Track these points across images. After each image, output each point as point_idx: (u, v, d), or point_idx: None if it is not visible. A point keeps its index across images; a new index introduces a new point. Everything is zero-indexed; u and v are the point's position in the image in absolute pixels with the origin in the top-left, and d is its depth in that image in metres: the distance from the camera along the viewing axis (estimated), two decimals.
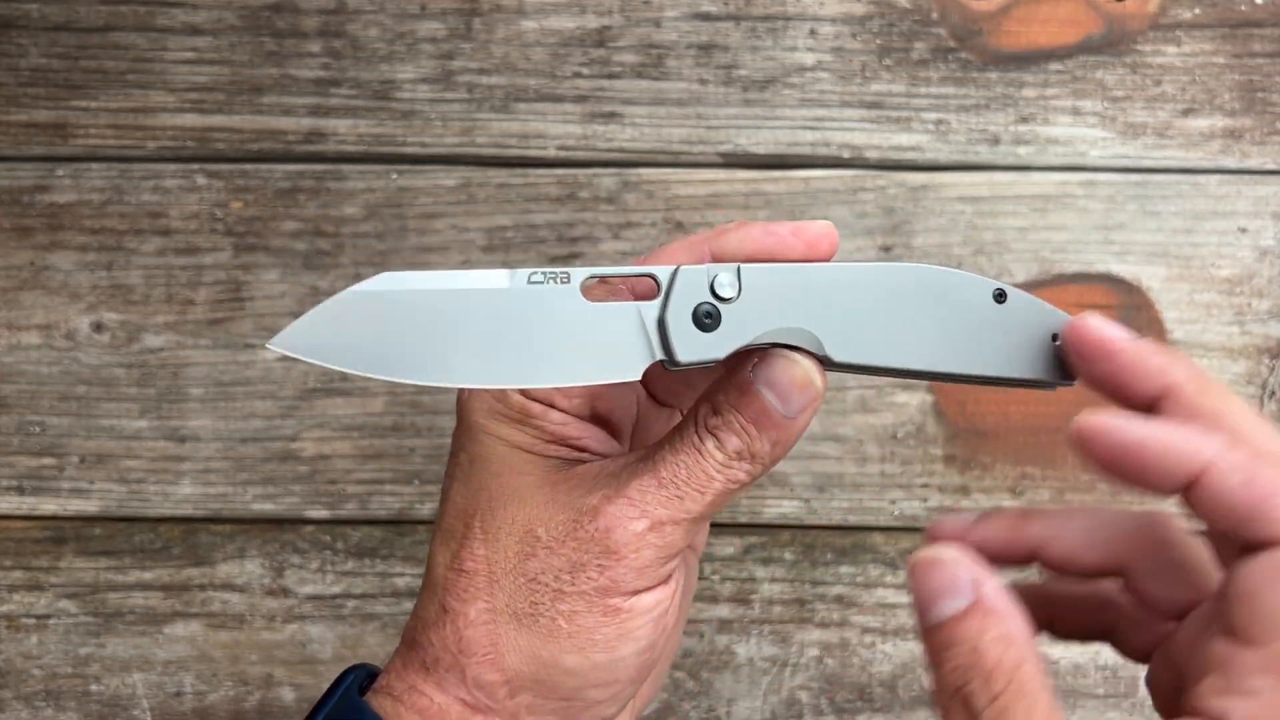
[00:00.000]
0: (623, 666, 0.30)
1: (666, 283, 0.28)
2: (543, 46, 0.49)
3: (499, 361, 0.27)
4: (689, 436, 0.29)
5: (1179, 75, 0.49)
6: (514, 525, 0.30)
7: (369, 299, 0.27)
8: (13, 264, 0.49)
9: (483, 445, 0.31)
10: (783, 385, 0.29)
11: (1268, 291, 0.49)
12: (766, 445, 0.29)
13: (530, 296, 0.28)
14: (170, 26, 0.49)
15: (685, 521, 0.29)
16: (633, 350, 0.28)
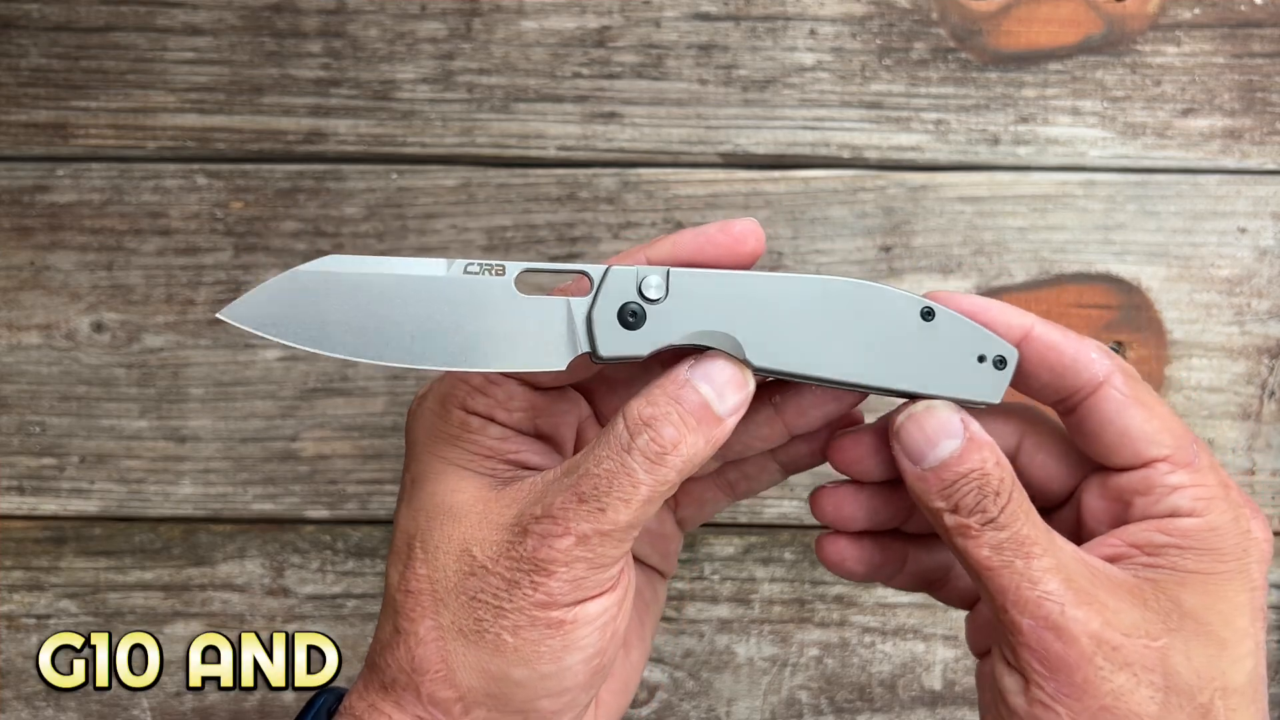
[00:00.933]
0: (571, 675, 0.30)
1: (597, 281, 0.30)
2: (543, 47, 0.49)
3: (432, 344, 0.29)
4: (615, 439, 0.29)
5: (1179, 75, 0.49)
6: (451, 544, 0.30)
7: (313, 278, 0.29)
8: (13, 264, 0.49)
9: (422, 465, 0.32)
10: (719, 382, 0.30)
11: (1267, 291, 0.49)
12: (701, 441, 0.29)
13: (465, 285, 0.29)
14: (170, 27, 0.49)
15: (613, 532, 0.29)
16: (559, 342, 0.30)
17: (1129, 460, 0.31)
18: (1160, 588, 0.29)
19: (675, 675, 0.50)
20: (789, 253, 0.49)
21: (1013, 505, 0.30)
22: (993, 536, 0.29)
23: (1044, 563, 0.29)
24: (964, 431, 0.30)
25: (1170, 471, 0.30)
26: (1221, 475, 0.30)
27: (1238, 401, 0.49)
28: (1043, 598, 0.29)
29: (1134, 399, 0.30)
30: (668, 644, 0.50)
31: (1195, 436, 0.31)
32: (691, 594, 0.50)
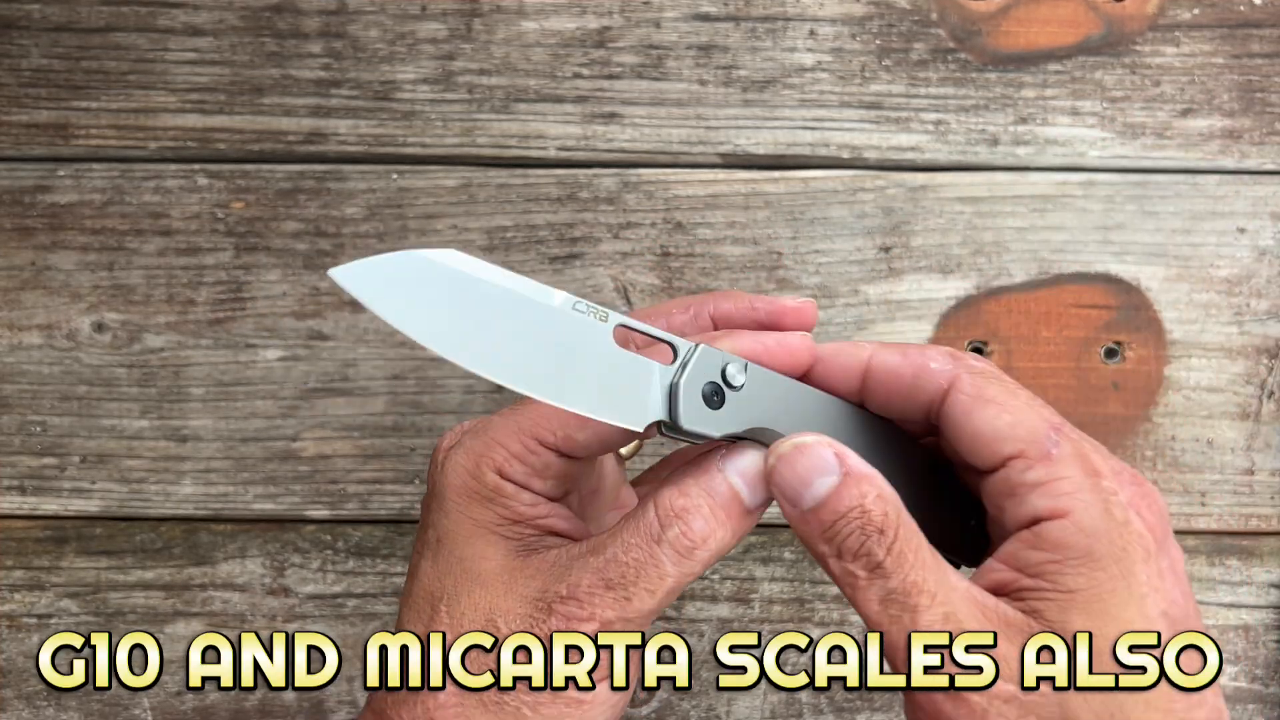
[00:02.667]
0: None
1: (684, 355, 0.30)
2: (543, 47, 0.49)
3: (530, 369, 0.28)
4: (645, 527, 0.29)
5: (1178, 76, 0.49)
6: (476, 613, 0.30)
7: (432, 266, 0.28)
8: (14, 264, 0.49)
9: (451, 521, 0.31)
10: (751, 475, 0.30)
11: (1266, 291, 0.49)
12: (728, 535, 0.30)
13: (571, 321, 0.29)
14: (171, 27, 0.49)
15: (635, 619, 0.29)
16: (642, 404, 0.29)
17: (987, 461, 0.29)
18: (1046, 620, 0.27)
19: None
20: (789, 253, 0.49)
21: (899, 545, 0.28)
22: (880, 587, 0.28)
23: (931, 615, 0.27)
24: (839, 467, 0.29)
25: (1026, 468, 0.28)
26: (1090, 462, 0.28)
27: (1237, 401, 0.49)
28: None
29: (979, 398, 0.29)
30: None
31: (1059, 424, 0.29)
32: (691, 594, 0.50)
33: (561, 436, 0.31)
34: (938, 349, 0.31)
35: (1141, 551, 0.27)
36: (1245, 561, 0.50)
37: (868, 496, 0.28)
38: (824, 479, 0.29)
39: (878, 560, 0.28)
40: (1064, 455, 0.28)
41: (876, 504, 0.28)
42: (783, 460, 0.29)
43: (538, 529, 0.31)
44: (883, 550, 0.28)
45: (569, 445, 0.31)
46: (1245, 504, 0.50)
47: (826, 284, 0.49)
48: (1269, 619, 0.50)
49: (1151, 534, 0.27)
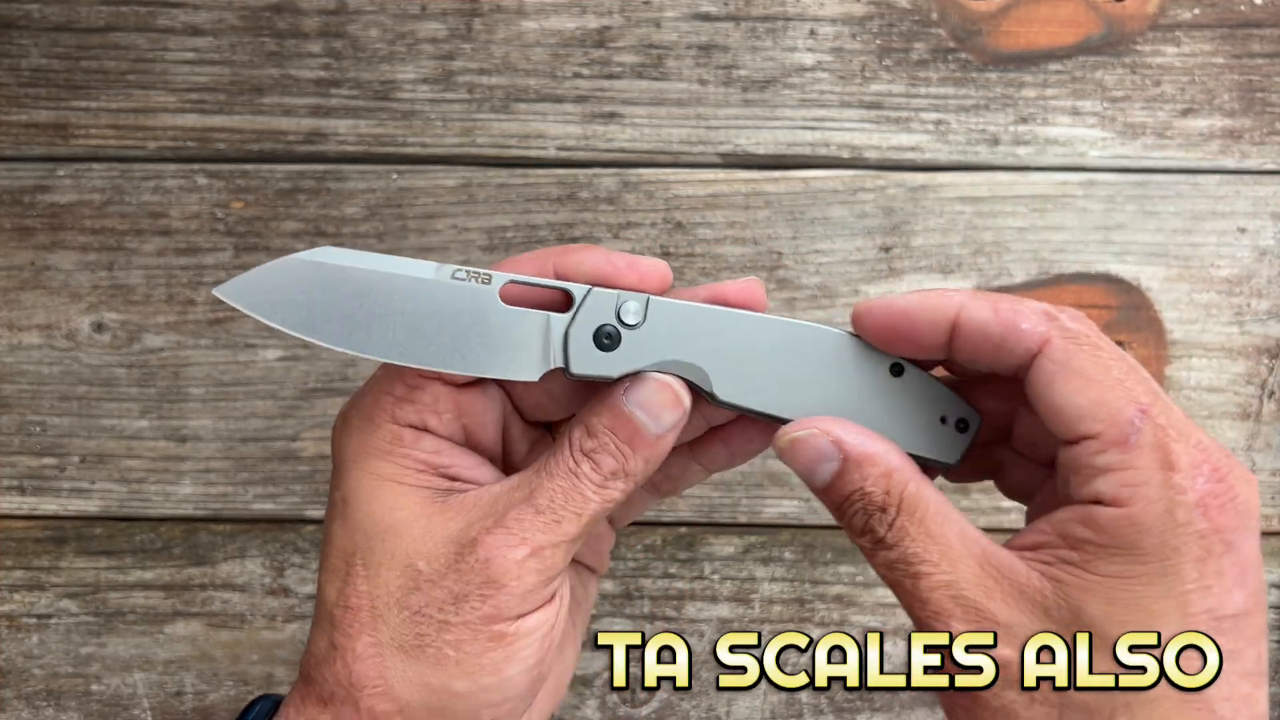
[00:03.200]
0: (512, 685, 0.30)
1: (579, 300, 0.31)
2: (543, 47, 0.49)
3: (413, 343, 0.30)
4: (564, 460, 0.30)
5: (1178, 76, 0.49)
6: (394, 560, 0.30)
7: (308, 266, 0.30)
8: (14, 264, 0.49)
9: (354, 481, 0.31)
10: (654, 406, 0.30)
11: (1267, 291, 0.49)
12: (640, 463, 0.30)
13: (451, 290, 0.30)
14: (171, 27, 0.49)
15: (564, 543, 0.30)
16: (536, 355, 0.31)
17: (1064, 434, 0.28)
18: (1064, 592, 0.27)
19: None
20: (789, 253, 0.49)
21: (901, 520, 0.29)
22: (884, 556, 0.29)
23: (932, 581, 0.28)
24: (837, 453, 0.30)
25: (1099, 451, 0.27)
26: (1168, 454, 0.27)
27: (1237, 401, 0.49)
28: (930, 619, 0.28)
29: (1067, 368, 0.28)
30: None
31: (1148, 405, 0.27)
32: (691, 594, 0.50)
33: None
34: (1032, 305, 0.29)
35: (1198, 550, 0.26)
36: None
37: (868, 479, 0.29)
38: (825, 465, 0.30)
39: (879, 536, 0.29)
40: (1141, 443, 0.27)
41: (877, 484, 0.29)
42: (783, 455, 0.31)
43: (446, 477, 0.32)
44: (883, 527, 0.29)
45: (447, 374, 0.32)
46: None
47: (827, 284, 0.49)
48: (1269, 619, 0.50)
49: (1219, 534, 0.26)
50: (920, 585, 0.29)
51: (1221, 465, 0.27)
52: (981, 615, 0.28)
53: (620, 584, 0.50)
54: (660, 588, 0.50)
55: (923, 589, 0.28)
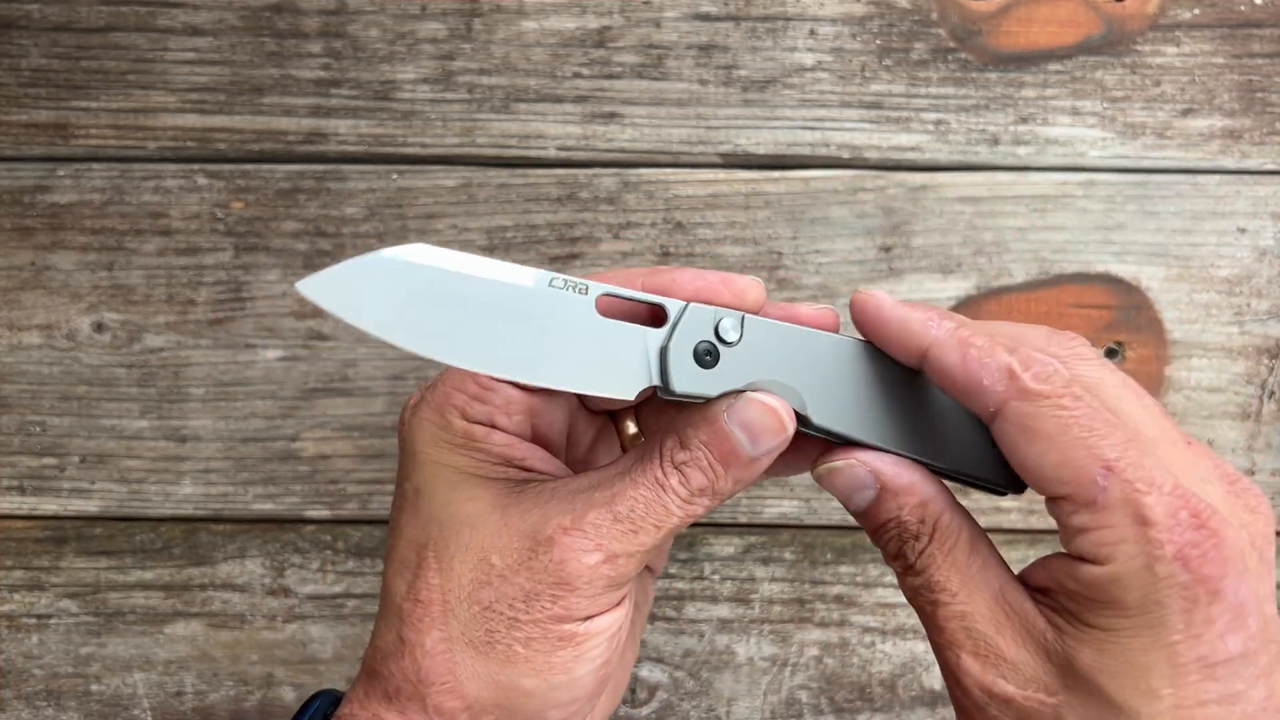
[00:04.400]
0: (580, 685, 0.30)
1: (675, 316, 0.30)
2: (543, 47, 0.49)
3: (507, 353, 0.28)
4: (651, 470, 0.30)
5: (1178, 75, 0.49)
6: (467, 553, 0.30)
7: (397, 265, 0.28)
8: (14, 264, 0.49)
9: (428, 473, 0.31)
10: (755, 428, 0.30)
11: (1267, 291, 0.49)
12: (730, 483, 0.30)
13: (549, 299, 0.29)
14: (171, 27, 0.49)
15: (640, 553, 0.29)
16: (632, 370, 0.29)
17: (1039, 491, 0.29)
18: (1062, 639, 0.28)
19: (675, 675, 0.50)
20: (789, 253, 0.49)
21: (931, 548, 0.30)
22: (911, 581, 0.30)
23: (948, 611, 0.29)
24: (875, 482, 0.30)
25: (1072, 511, 0.28)
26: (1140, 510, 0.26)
27: (1237, 402, 0.49)
28: (944, 645, 0.29)
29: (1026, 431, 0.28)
30: (668, 644, 0.50)
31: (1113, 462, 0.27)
32: (691, 594, 0.50)
33: None
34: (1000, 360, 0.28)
35: (1182, 602, 0.26)
36: None
37: (904, 509, 0.30)
38: (862, 493, 0.31)
39: (909, 562, 0.30)
40: (1110, 502, 0.27)
41: (913, 513, 0.30)
42: (823, 480, 0.31)
43: (519, 469, 0.31)
44: (914, 554, 0.30)
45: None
46: None
47: (827, 284, 0.49)
48: None
49: (1203, 584, 0.26)
50: (938, 613, 0.29)
51: (1202, 510, 0.26)
52: (990, 649, 0.29)
53: None
54: (660, 588, 0.50)
55: (940, 616, 0.29)
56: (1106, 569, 0.27)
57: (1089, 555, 0.27)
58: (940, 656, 0.30)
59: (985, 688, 0.29)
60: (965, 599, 0.29)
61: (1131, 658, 0.27)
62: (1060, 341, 0.30)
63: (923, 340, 0.30)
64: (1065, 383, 0.28)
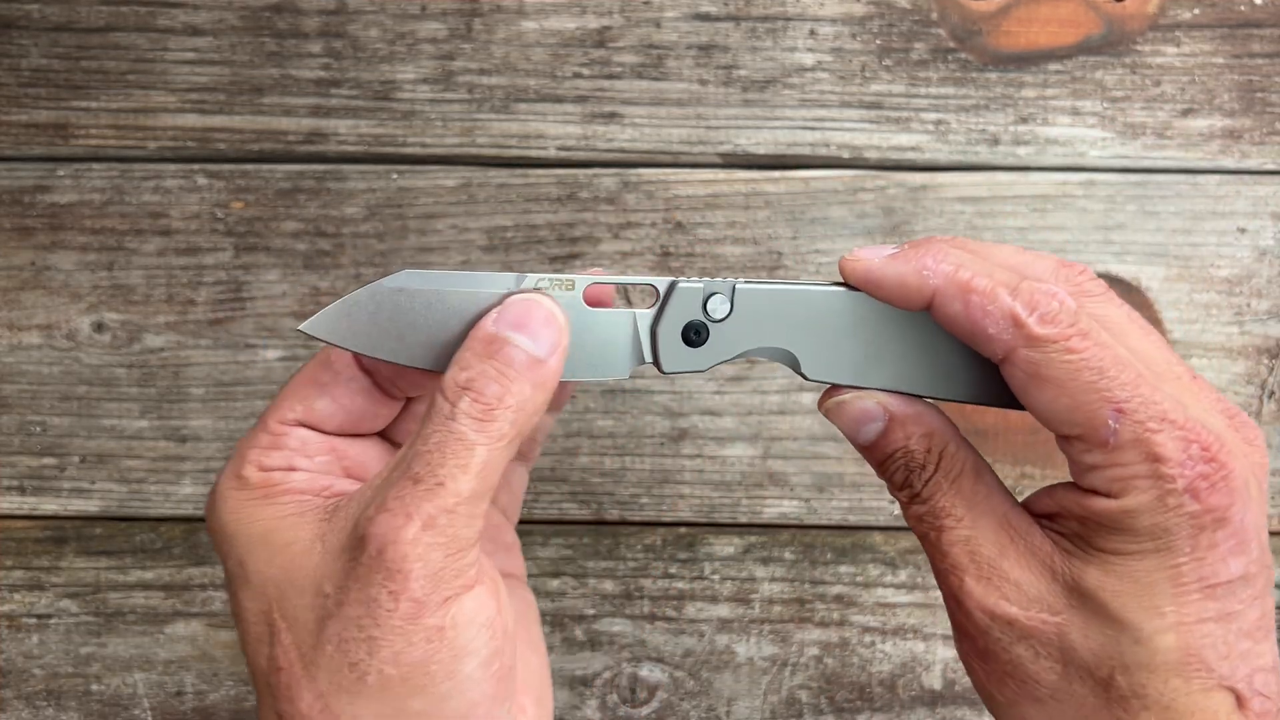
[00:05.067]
0: (473, 686, 0.28)
1: (663, 294, 0.31)
2: (543, 47, 0.49)
3: None
4: (438, 410, 0.28)
5: (1178, 76, 0.49)
6: (303, 596, 0.28)
7: (390, 293, 0.30)
8: (13, 264, 0.49)
9: (243, 541, 0.29)
10: (530, 325, 0.28)
11: (1267, 291, 0.49)
12: (528, 387, 0.28)
13: None
14: (171, 27, 0.49)
15: (459, 505, 0.27)
16: (624, 352, 0.31)
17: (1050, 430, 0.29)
18: (1069, 561, 0.29)
19: (675, 675, 0.50)
20: (789, 253, 0.49)
21: (937, 477, 0.30)
22: (916, 509, 0.31)
23: (953, 535, 0.30)
24: (883, 414, 0.31)
25: (1085, 450, 0.28)
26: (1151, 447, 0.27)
27: (1237, 401, 0.49)
28: (947, 570, 0.30)
29: (1035, 378, 0.28)
30: (667, 644, 0.50)
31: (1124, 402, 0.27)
32: (691, 594, 0.50)
33: (302, 410, 0.30)
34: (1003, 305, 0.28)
35: (1189, 529, 0.27)
36: None
37: (911, 438, 0.30)
38: (870, 425, 0.31)
39: (916, 490, 0.30)
40: (1122, 443, 0.27)
41: (919, 443, 0.30)
42: (831, 413, 0.31)
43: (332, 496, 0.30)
44: (920, 482, 0.30)
45: (312, 417, 0.30)
46: None
47: None
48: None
49: (1211, 513, 0.27)
50: (943, 538, 0.30)
51: (1211, 443, 0.27)
52: (993, 572, 0.29)
53: (620, 584, 0.50)
54: (660, 588, 0.50)
55: (944, 541, 0.30)
56: (1118, 502, 0.28)
57: (1101, 489, 0.28)
58: (943, 582, 0.30)
59: (988, 609, 0.29)
60: (970, 523, 0.30)
61: (1137, 578, 0.28)
62: (1067, 275, 0.30)
63: (923, 293, 0.29)
64: (1072, 321, 0.28)
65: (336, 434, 0.31)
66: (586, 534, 0.50)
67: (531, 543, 0.50)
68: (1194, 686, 0.28)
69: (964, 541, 0.30)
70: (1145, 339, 0.29)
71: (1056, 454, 0.49)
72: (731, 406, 0.49)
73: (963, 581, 0.29)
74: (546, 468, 0.50)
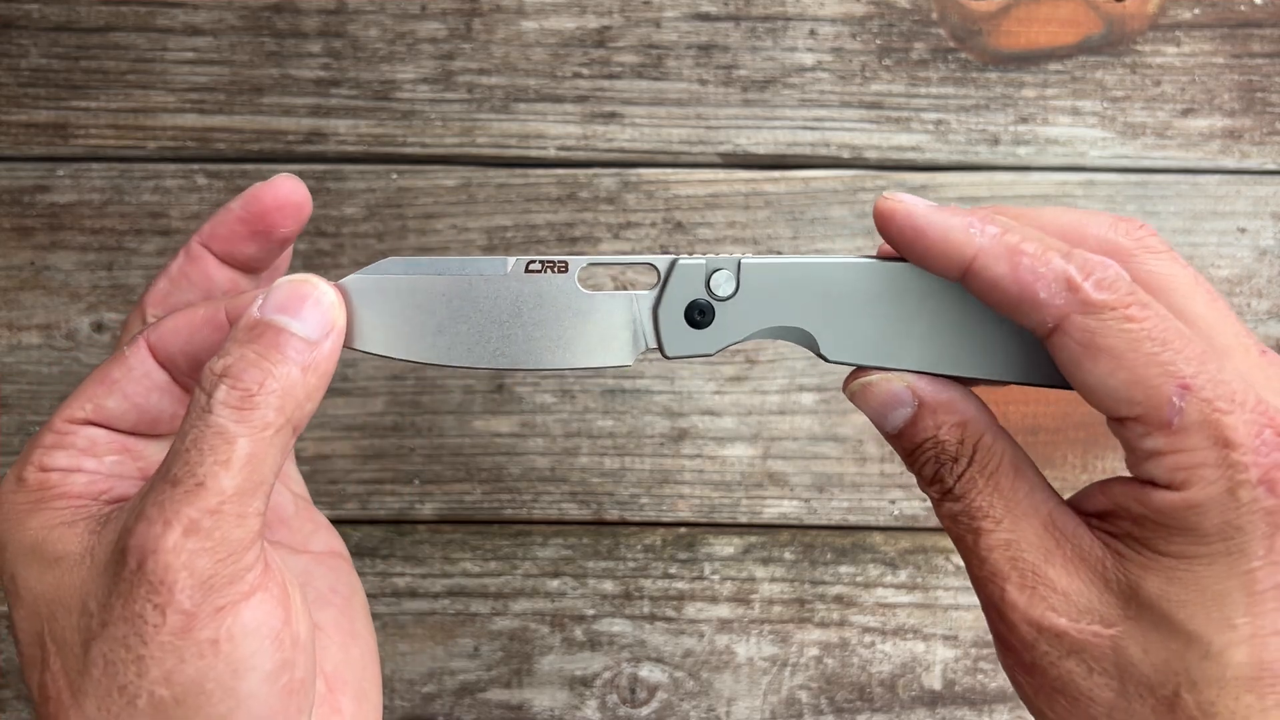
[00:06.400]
0: (257, 703, 0.25)
1: (664, 273, 0.29)
2: (543, 47, 0.49)
3: (496, 344, 0.28)
4: (194, 407, 0.25)
5: (1178, 75, 0.49)
6: (70, 615, 0.25)
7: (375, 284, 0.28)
8: (13, 264, 0.49)
9: (14, 551, 0.27)
10: (297, 307, 0.26)
11: (1267, 291, 0.49)
12: (294, 371, 0.25)
13: (528, 283, 0.28)
14: (170, 27, 0.49)
15: (225, 506, 0.24)
16: (625, 338, 0.29)
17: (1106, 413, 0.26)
18: (1125, 566, 0.26)
19: (675, 675, 0.50)
20: (789, 253, 0.49)
21: (971, 472, 0.27)
22: (949, 508, 0.28)
23: (991, 539, 0.27)
24: (913, 399, 0.28)
25: (1144, 434, 0.25)
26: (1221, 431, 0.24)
27: None
28: (987, 578, 0.27)
29: (1090, 348, 0.25)
30: (667, 644, 0.50)
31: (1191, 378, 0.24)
32: (691, 594, 0.50)
33: (91, 409, 0.28)
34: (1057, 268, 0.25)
35: (1265, 527, 0.24)
36: None
37: (942, 427, 0.28)
38: (899, 411, 0.28)
39: (948, 486, 0.28)
40: (1188, 424, 0.24)
41: (951, 433, 0.28)
42: (859, 395, 0.29)
43: (112, 502, 0.27)
44: (952, 478, 0.28)
45: (103, 415, 0.28)
46: None
47: None
48: None
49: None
50: (980, 542, 0.27)
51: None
52: (1038, 580, 0.26)
53: (620, 584, 0.50)
54: (660, 588, 0.50)
55: (982, 546, 0.27)
56: (1182, 494, 0.25)
57: (1163, 480, 0.25)
58: (982, 591, 0.28)
59: (1034, 621, 0.26)
60: (1010, 526, 0.27)
61: (1205, 585, 0.25)
62: (1126, 230, 0.27)
63: (966, 250, 0.26)
64: (1130, 289, 0.25)
65: (131, 433, 0.29)
66: (586, 534, 0.50)
67: (531, 543, 0.50)
68: (1269, 703, 0.25)
69: (1004, 546, 0.27)
70: (1212, 305, 0.27)
71: (1055, 454, 0.49)
72: (731, 406, 0.49)
73: (1004, 591, 0.27)
74: (546, 468, 0.50)
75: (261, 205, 0.30)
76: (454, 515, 0.50)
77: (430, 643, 0.50)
